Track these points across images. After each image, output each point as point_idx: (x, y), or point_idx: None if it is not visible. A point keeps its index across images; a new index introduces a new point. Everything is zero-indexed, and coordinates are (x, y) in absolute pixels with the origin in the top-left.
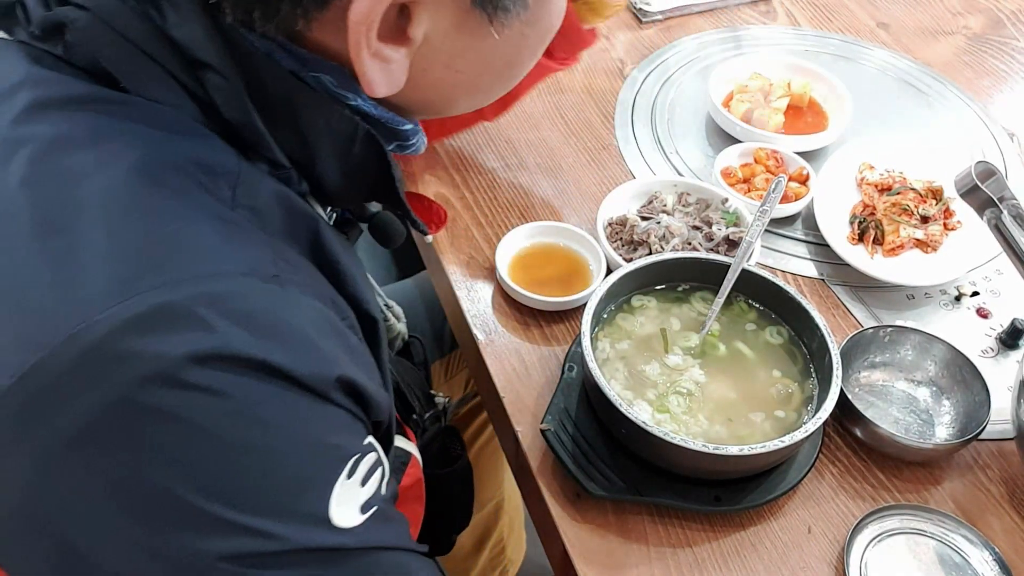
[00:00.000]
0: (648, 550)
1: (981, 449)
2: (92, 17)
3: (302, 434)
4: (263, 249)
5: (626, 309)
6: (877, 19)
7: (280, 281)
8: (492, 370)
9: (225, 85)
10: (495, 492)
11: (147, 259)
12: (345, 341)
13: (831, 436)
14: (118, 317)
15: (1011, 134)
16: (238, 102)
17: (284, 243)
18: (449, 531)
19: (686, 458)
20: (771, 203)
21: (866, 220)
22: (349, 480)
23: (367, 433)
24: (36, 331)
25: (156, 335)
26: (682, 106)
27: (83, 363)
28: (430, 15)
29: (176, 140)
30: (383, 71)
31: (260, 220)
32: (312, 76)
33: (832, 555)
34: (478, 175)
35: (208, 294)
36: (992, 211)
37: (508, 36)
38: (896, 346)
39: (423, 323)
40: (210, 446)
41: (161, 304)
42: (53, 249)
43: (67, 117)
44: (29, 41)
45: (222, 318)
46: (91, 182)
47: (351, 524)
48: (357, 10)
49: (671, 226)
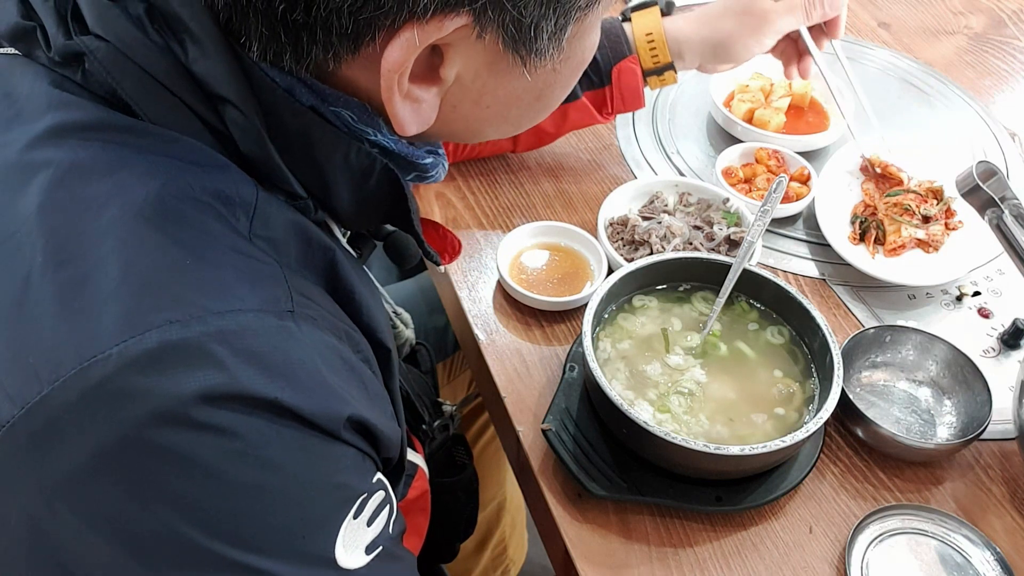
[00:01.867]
0: (649, 550)
1: (982, 449)
2: (112, 48)
3: (310, 474)
4: (278, 283)
5: (627, 309)
6: (878, 19)
7: (295, 317)
8: (493, 370)
9: (243, 120)
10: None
11: (160, 293)
12: (358, 376)
13: (832, 436)
14: (129, 352)
15: (1012, 134)
16: (255, 136)
17: (300, 274)
18: (453, 539)
19: (687, 458)
20: (772, 203)
21: (867, 220)
22: (356, 520)
23: (376, 470)
24: (45, 362)
25: (166, 372)
26: (683, 106)
27: (92, 398)
28: (462, 56)
29: (193, 170)
30: (414, 111)
31: (276, 251)
32: (332, 111)
33: (833, 555)
34: (480, 175)
35: (220, 331)
36: (993, 211)
37: (540, 74)
38: (897, 346)
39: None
40: (216, 485)
41: (173, 341)
42: (66, 280)
43: (85, 144)
44: (49, 66)
45: (233, 356)
46: (107, 212)
47: (356, 565)
48: (391, 59)
49: (672, 226)
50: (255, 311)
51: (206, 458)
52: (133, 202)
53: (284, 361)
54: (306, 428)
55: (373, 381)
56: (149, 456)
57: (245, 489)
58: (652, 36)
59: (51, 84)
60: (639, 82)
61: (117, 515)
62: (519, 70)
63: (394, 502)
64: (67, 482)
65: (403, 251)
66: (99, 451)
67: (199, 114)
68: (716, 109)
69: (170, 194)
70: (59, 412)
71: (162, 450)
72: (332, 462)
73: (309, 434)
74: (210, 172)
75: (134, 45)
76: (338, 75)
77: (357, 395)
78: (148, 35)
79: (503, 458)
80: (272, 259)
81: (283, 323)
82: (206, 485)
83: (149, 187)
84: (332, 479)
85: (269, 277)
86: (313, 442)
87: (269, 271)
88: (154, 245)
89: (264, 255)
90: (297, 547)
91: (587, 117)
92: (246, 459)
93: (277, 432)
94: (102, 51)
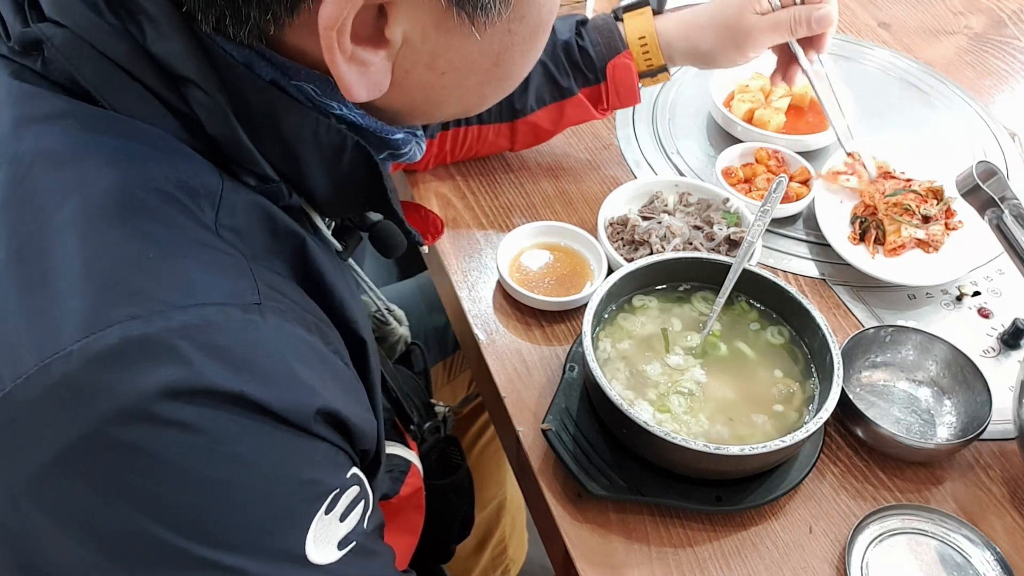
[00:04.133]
0: (649, 550)
1: (982, 449)
2: (70, 34)
3: (278, 469)
4: (244, 275)
5: (627, 309)
6: (878, 19)
7: (261, 309)
8: (493, 370)
9: (207, 100)
10: (497, 492)
11: (122, 288)
12: (330, 368)
13: (832, 436)
14: (90, 349)
15: (1012, 134)
16: (221, 117)
17: (268, 264)
18: (447, 541)
19: (687, 458)
20: (772, 203)
21: (867, 220)
22: (328, 516)
23: (351, 464)
24: (7, 361)
25: (129, 368)
26: (683, 106)
27: (54, 395)
28: (407, 16)
29: (156, 159)
30: (361, 75)
31: (243, 241)
32: (294, 85)
33: (833, 555)
34: (480, 175)
35: (183, 326)
36: (993, 211)
37: (493, 34)
38: (897, 346)
39: (425, 323)
40: (182, 482)
41: (135, 336)
42: (27, 276)
43: (46, 134)
44: (8, 55)
45: (197, 350)
46: (68, 205)
47: (328, 561)
48: (325, 14)
49: (672, 226)
50: (219, 304)
51: (171, 454)
52: (95, 194)
53: (249, 354)
54: (274, 422)
55: (345, 372)
56: (113, 453)
57: (211, 485)
58: (645, 40)
59: (11, 75)
60: (634, 78)
61: (84, 513)
62: (467, 29)
63: (370, 497)
64: (33, 481)
65: (388, 240)
66: (63, 449)
67: (162, 97)
68: (716, 109)
69: (132, 185)
70: (22, 410)
71: (126, 447)
72: (302, 457)
73: (277, 428)
74: (173, 161)
75: (91, 29)
76: (288, 44)
77: (329, 387)
78: (105, 18)
79: (503, 458)
80: (238, 250)
81: (248, 316)
82: (171, 482)
83: (111, 178)
84: (302, 474)
85: (234, 269)
86: (282, 436)
87: (234, 263)
88: (116, 239)
89: (229, 247)
90: (266, 543)
91: (584, 113)
92: (212, 455)
93: (243, 427)
94: (59, 37)
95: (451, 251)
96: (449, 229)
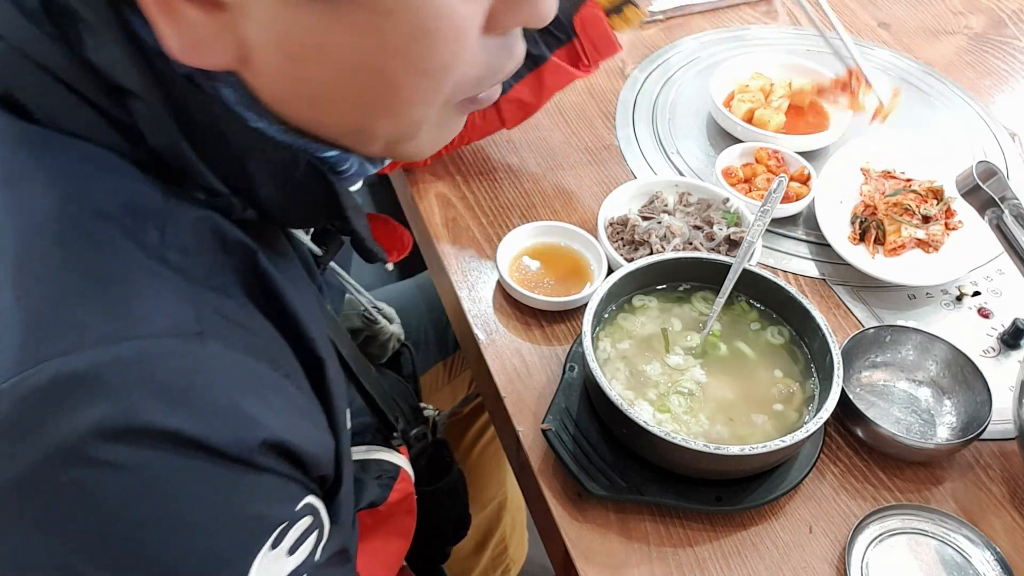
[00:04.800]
0: (649, 550)
1: (982, 449)
2: (5, 46)
3: (218, 506)
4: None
5: (627, 309)
6: (878, 19)
7: (202, 339)
8: (493, 370)
9: (149, 112)
10: (497, 492)
11: (56, 323)
12: (279, 394)
13: (832, 436)
14: (21, 388)
15: (1012, 134)
16: (164, 129)
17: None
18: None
19: (687, 458)
20: (772, 203)
21: (867, 220)
22: (274, 551)
23: (304, 494)
24: None
25: (60, 407)
26: (683, 106)
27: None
28: None
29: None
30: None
31: (190, 260)
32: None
33: (833, 555)
34: (479, 174)
35: (118, 360)
36: (993, 211)
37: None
38: (897, 346)
39: (425, 323)
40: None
41: (66, 373)
42: None
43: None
44: None
45: (131, 386)
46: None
47: None
48: None
49: (672, 226)
50: (157, 336)
51: (105, 496)
52: (32, 221)
53: (187, 388)
54: (213, 458)
55: (297, 397)
56: (46, 495)
57: (147, 525)
58: None
59: None
60: (604, 25)
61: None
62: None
63: (325, 526)
64: None
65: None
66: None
67: (103, 110)
68: (716, 109)
69: (71, 210)
70: None
71: (59, 489)
72: (245, 493)
73: (217, 464)
74: (115, 180)
75: (29, 40)
76: None
77: (276, 416)
78: (43, 29)
79: (503, 458)
80: (183, 273)
81: (188, 347)
82: (106, 523)
83: (49, 203)
84: (245, 510)
85: (175, 296)
86: (222, 473)
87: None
88: (52, 270)
89: (173, 271)
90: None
91: (564, 75)
92: (147, 495)
93: (180, 465)
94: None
95: (451, 251)
96: (449, 229)
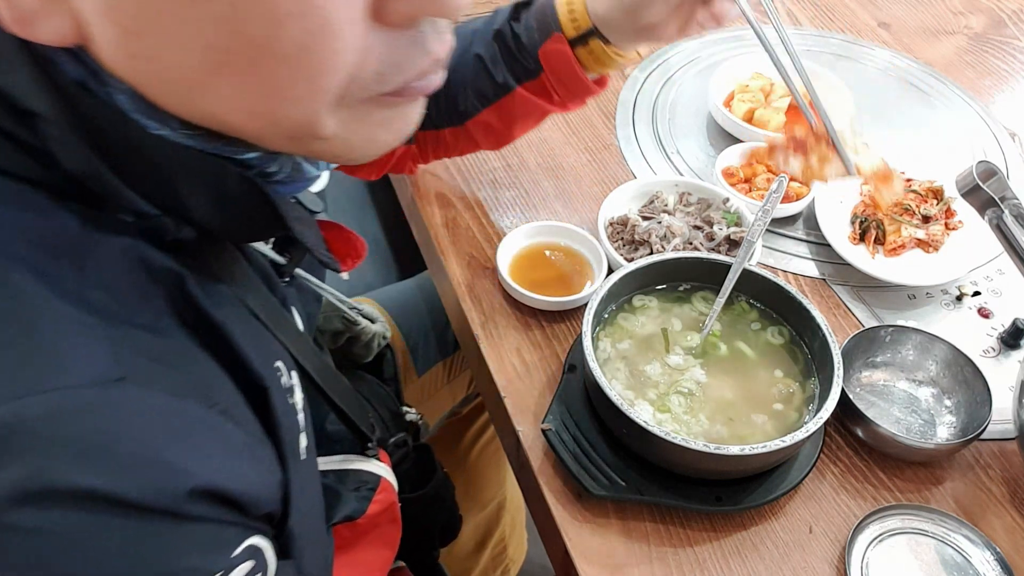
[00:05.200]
0: (649, 550)
1: (982, 449)
2: None
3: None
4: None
5: (627, 309)
6: (878, 19)
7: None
8: (493, 370)
9: (59, 135)
10: (497, 492)
11: None
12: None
13: (832, 436)
14: None
15: (1012, 134)
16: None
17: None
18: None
19: (687, 458)
20: (772, 203)
21: (867, 220)
22: None
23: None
24: None
25: None
26: (683, 106)
27: None
28: None
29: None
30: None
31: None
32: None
33: (833, 555)
34: (479, 174)
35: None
36: (993, 211)
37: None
38: (897, 346)
39: (425, 323)
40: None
41: None
42: None
43: None
44: None
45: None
46: None
47: None
48: None
49: (672, 226)
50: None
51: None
52: None
53: (104, 442)
54: (134, 515)
55: (234, 434)
56: None
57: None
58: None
59: None
60: (571, 62)
61: None
62: None
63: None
64: None
65: None
66: None
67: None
68: (716, 109)
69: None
70: None
71: None
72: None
73: (137, 520)
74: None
75: None
76: None
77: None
78: None
79: (503, 458)
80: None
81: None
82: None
83: None
84: (173, 564)
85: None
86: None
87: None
88: None
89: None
90: None
91: (534, 109)
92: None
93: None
94: None
95: (451, 251)
96: (449, 229)
